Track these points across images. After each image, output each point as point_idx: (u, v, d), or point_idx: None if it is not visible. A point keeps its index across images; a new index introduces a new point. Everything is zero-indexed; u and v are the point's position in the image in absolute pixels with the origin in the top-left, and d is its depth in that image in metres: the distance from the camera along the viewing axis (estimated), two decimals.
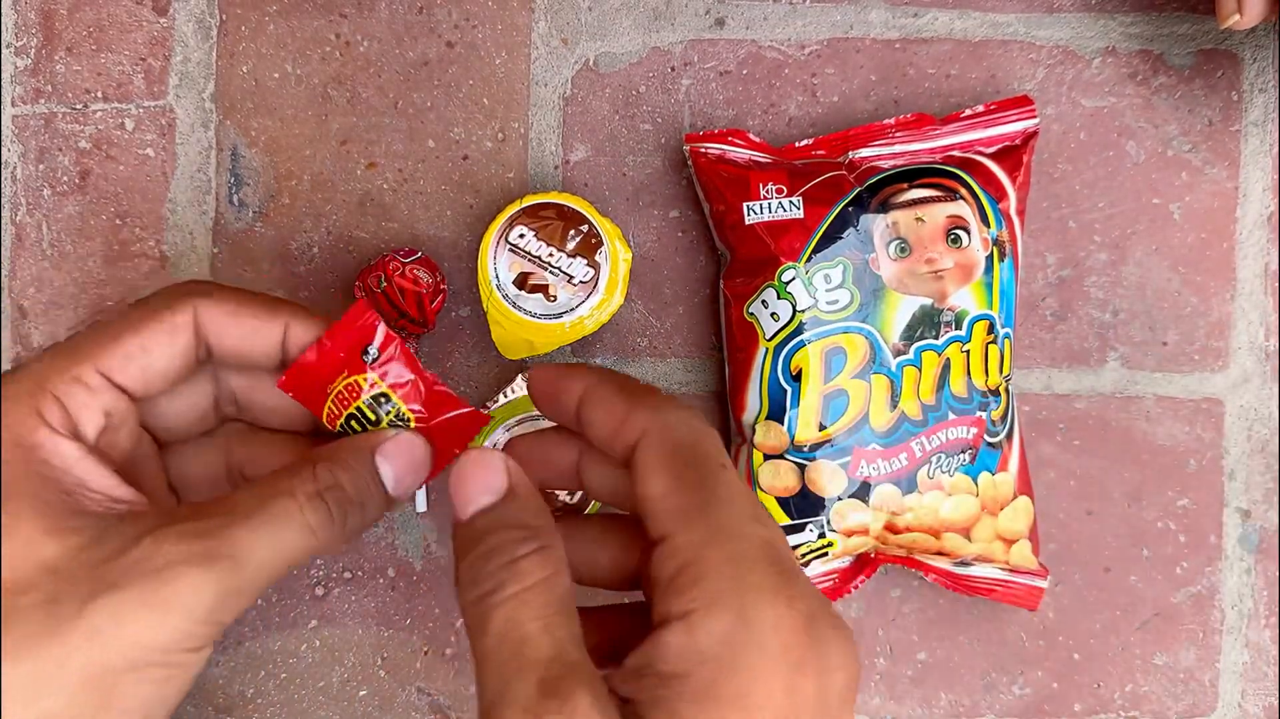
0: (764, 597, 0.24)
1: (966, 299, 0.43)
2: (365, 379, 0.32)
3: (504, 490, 0.28)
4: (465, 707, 0.48)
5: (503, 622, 0.25)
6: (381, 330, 0.32)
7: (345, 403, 0.32)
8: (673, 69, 0.48)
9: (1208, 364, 0.48)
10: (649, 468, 0.27)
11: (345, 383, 0.32)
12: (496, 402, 0.45)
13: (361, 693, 0.48)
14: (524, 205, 0.44)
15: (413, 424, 0.32)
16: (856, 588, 0.45)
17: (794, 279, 0.43)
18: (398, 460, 0.31)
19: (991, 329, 0.43)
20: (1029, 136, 0.45)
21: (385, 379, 0.32)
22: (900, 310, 0.43)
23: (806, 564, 0.44)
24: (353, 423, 0.32)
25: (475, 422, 0.32)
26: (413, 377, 0.32)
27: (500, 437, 0.44)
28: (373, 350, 0.32)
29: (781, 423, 0.43)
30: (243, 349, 0.31)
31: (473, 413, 0.32)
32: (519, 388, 0.45)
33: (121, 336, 0.30)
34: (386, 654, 0.48)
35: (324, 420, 0.32)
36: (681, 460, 0.27)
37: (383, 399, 0.32)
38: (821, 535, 0.43)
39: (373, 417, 0.32)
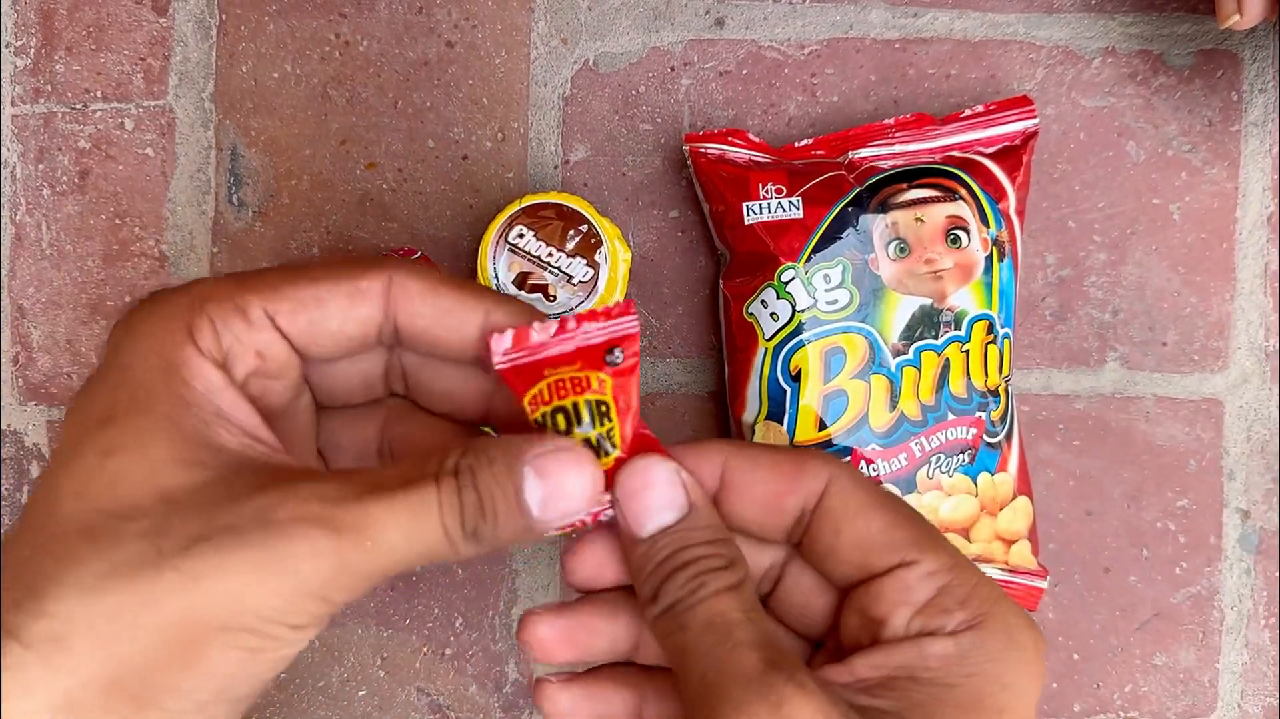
0: (1021, 621, 0.26)
1: (966, 299, 0.43)
2: (597, 379, 0.27)
3: (686, 506, 0.27)
4: (464, 707, 0.48)
5: (706, 613, 0.25)
6: (636, 341, 0.27)
7: (563, 393, 0.27)
8: (672, 69, 0.48)
9: (1207, 364, 0.48)
10: (861, 506, 0.27)
11: (574, 374, 0.27)
12: None
13: (361, 693, 0.48)
14: (523, 205, 0.44)
15: (612, 458, 0.27)
16: None
17: (793, 279, 0.43)
18: (552, 481, 0.25)
19: (991, 329, 0.43)
20: (1029, 137, 0.45)
21: (615, 394, 0.27)
22: (900, 310, 0.43)
23: None
24: (558, 417, 0.27)
25: None
26: (635, 405, 0.27)
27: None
28: (619, 355, 0.27)
29: (781, 423, 0.43)
30: (436, 333, 0.27)
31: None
32: None
33: (298, 281, 0.26)
34: (386, 654, 0.48)
35: (524, 404, 0.27)
36: (885, 497, 0.27)
37: (602, 410, 0.27)
38: None
39: (585, 419, 0.27)
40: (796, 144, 0.45)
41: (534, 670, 0.29)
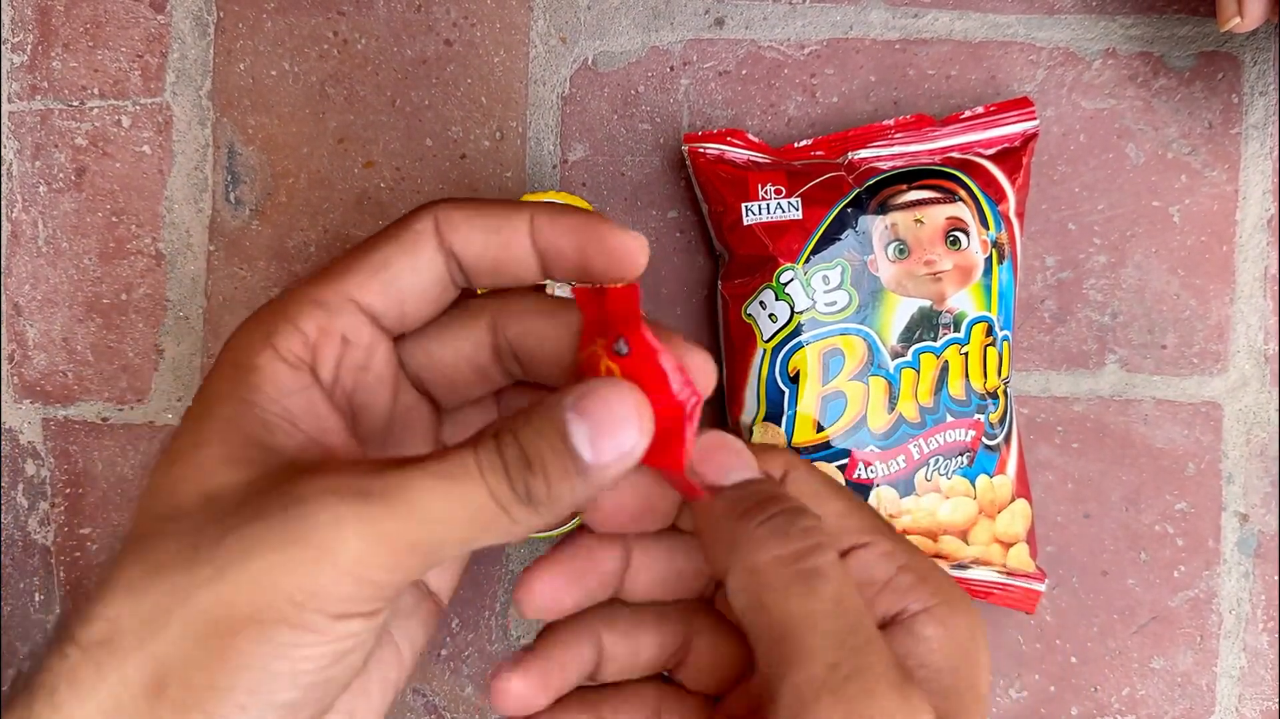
0: (966, 596, 0.27)
1: (965, 301, 0.43)
2: (604, 365, 0.26)
3: (759, 473, 0.27)
4: (460, 708, 0.48)
5: (839, 584, 0.24)
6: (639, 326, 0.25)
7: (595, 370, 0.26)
8: (672, 69, 0.47)
9: (1207, 367, 0.48)
10: (816, 492, 0.27)
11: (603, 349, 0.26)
12: None
13: None
14: None
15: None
16: None
17: (792, 280, 0.43)
18: (597, 416, 0.23)
19: (990, 331, 0.43)
20: (1029, 138, 0.45)
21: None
22: (899, 312, 0.43)
23: None
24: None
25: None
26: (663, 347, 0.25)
27: None
28: (623, 346, 0.25)
29: (779, 424, 0.43)
30: (491, 253, 0.26)
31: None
32: None
33: (359, 255, 0.26)
34: None
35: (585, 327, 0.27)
36: (837, 488, 0.28)
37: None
38: None
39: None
40: (796, 144, 0.45)
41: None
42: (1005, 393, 0.44)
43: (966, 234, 0.43)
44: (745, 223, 0.43)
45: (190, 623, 0.21)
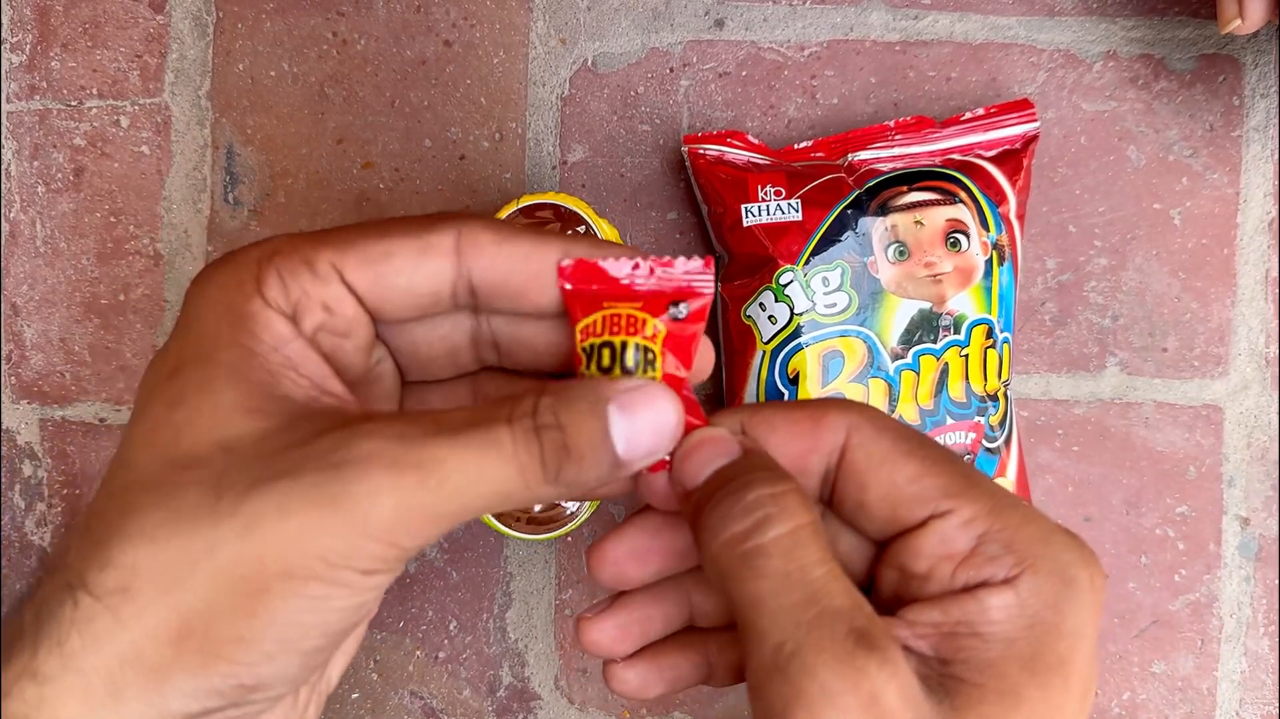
0: (1073, 556, 0.24)
1: (965, 303, 0.43)
2: (653, 325, 0.26)
3: (739, 452, 0.26)
4: (458, 711, 0.48)
5: (783, 561, 0.23)
6: (706, 299, 0.26)
7: (615, 329, 0.26)
8: (671, 70, 0.47)
9: (1207, 370, 0.48)
10: (885, 456, 0.26)
11: (631, 311, 0.26)
12: None
13: (354, 696, 0.48)
14: (520, 206, 0.43)
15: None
16: None
17: (792, 282, 0.43)
18: (638, 417, 0.24)
19: (990, 334, 0.43)
20: (1029, 140, 0.45)
21: (666, 345, 0.26)
22: (899, 314, 0.43)
23: None
24: (604, 352, 0.26)
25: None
26: (685, 374, 0.27)
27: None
28: (683, 309, 0.26)
29: None
30: (513, 284, 0.26)
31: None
32: None
33: (368, 236, 0.25)
34: (379, 657, 0.48)
35: (576, 330, 0.27)
36: (913, 442, 0.26)
37: (649, 359, 0.26)
38: None
39: (630, 365, 0.26)
40: (796, 146, 0.45)
41: (587, 632, 0.28)
42: (1005, 395, 0.44)
43: (967, 236, 0.43)
44: (745, 224, 0.43)
45: (218, 575, 0.21)
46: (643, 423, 0.24)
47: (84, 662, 0.21)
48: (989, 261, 0.43)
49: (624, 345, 0.26)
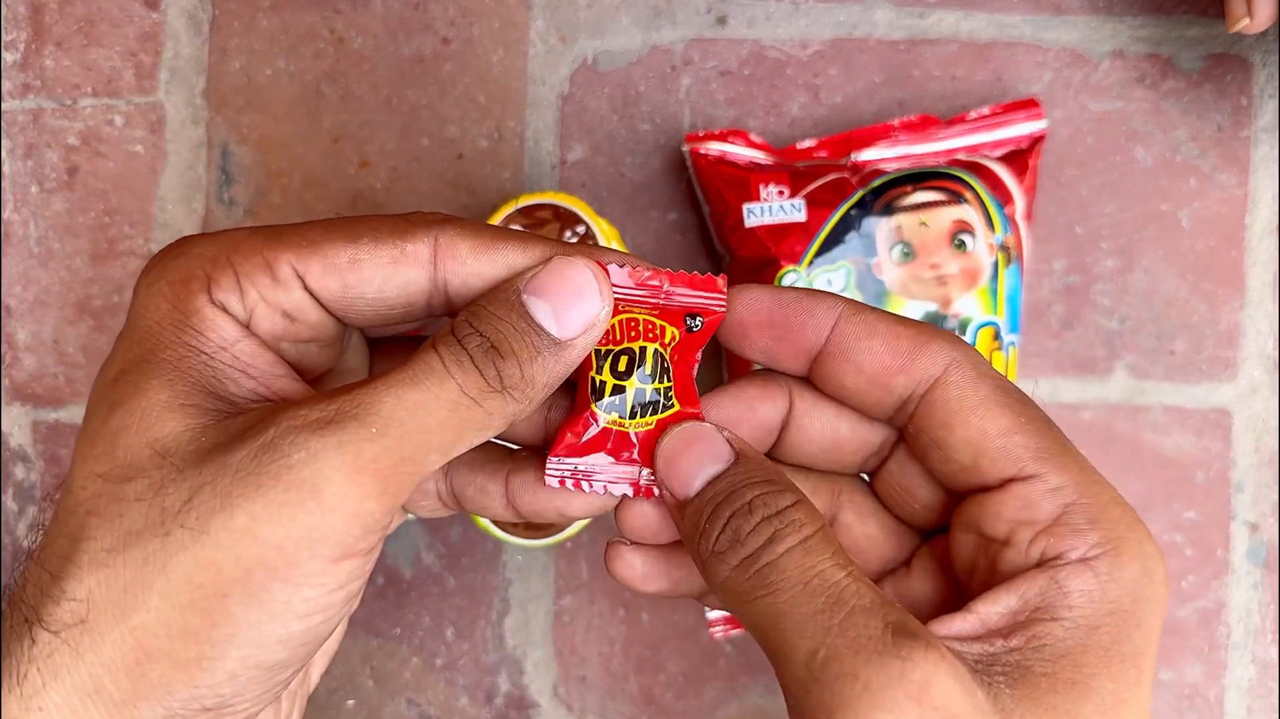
0: (1155, 547, 0.23)
1: (971, 305, 0.42)
2: (670, 333, 0.26)
3: (731, 457, 0.24)
4: (455, 718, 0.47)
5: (799, 569, 0.22)
6: (717, 319, 0.26)
7: (634, 334, 0.26)
8: (673, 68, 0.47)
9: (1216, 374, 0.47)
10: (980, 402, 0.24)
11: (648, 318, 0.26)
12: None
13: (349, 703, 0.47)
14: (519, 205, 0.43)
15: (665, 415, 0.26)
16: None
17: (795, 283, 0.42)
18: (552, 292, 0.23)
19: (997, 336, 0.42)
20: (1036, 140, 0.44)
21: (676, 353, 0.26)
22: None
23: None
24: (621, 359, 0.26)
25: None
26: (693, 373, 0.27)
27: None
28: (699, 322, 0.26)
29: None
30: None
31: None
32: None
33: (334, 239, 0.24)
34: (375, 664, 0.47)
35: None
36: (1013, 396, 0.24)
37: (665, 367, 0.26)
38: None
39: (648, 369, 0.26)
40: (799, 145, 0.45)
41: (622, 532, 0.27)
42: None
43: (973, 237, 0.42)
44: (747, 224, 0.43)
45: (172, 591, 0.20)
46: (563, 295, 0.23)
47: (45, 699, 0.20)
48: (995, 263, 0.42)
49: (643, 351, 0.26)
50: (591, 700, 0.47)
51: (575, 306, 0.24)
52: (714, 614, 0.45)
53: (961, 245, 0.42)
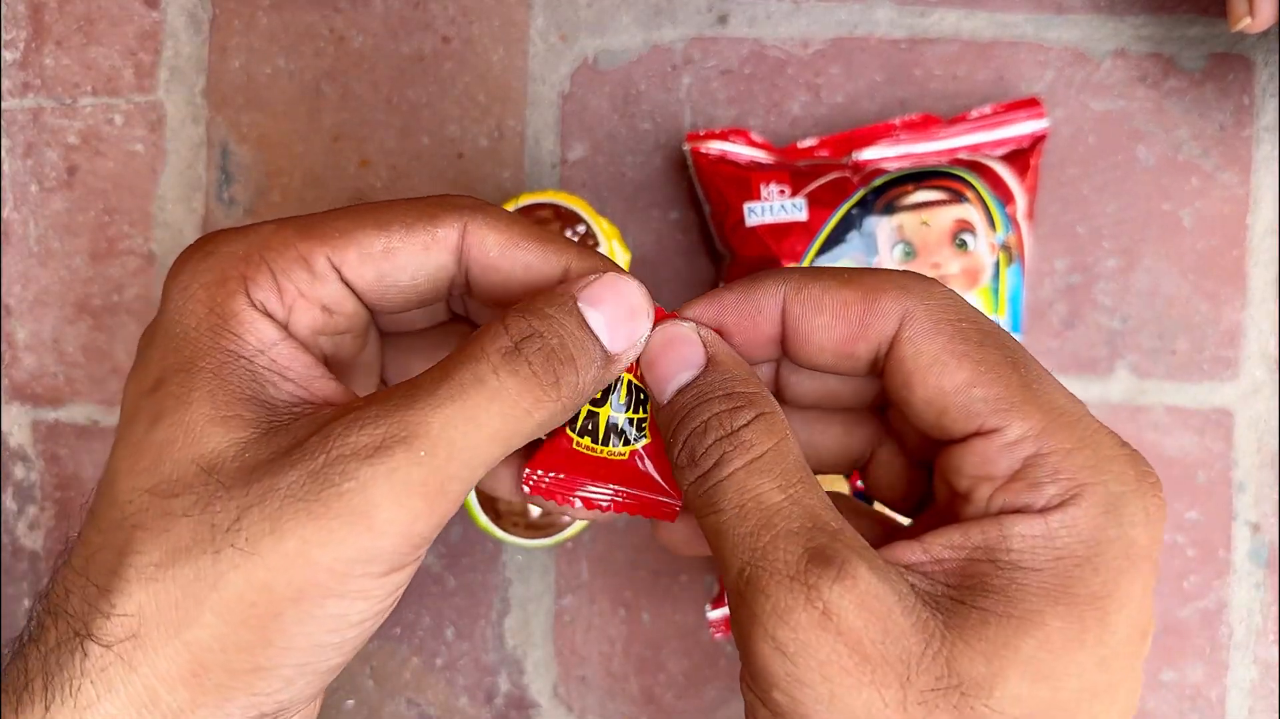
0: (1129, 486, 0.22)
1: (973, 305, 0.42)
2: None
3: (703, 363, 0.24)
4: (455, 718, 0.47)
5: (737, 493, 0.22)
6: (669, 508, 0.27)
7: None
8: (674, 67, 0.47)
9: (1218, 373, 0.47)
10: (934, 358, 0.23)
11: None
12: None
13: (349, 703, 0.47)
14: (520, 205, 0.43)
15: (638, 447, 0.26)
16: None
17: None
18: (609, 306, 0.24)
19: None
20: (1037, 139, 0.44)
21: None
22: None
23: None
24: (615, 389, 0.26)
25: (661, 510, 0.27)
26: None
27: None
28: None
29: None
30: (511, 289, 0.25)
31: (667, 506, 0.27)
32: None
33: (366, 228, 0.24)
34: (375, 664, 0.47)
35: None
36: (972, 342, 0.24)
37: (641, 398, 0.26)
38: None
39: (621, 399, 0.26)
40: (800, 144, 0.44)
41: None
42: None
43: (974, 236, 0.42)
44: (748, 224, 0.43)
45: (226, 609, 0.21)
46: (618, 310, 0.24)
47: (99, 711, 0.21)
48: (997, 262, 0.42)
49: (617, 380, 0.26)
50: (592, 700, 0.47)
51: (627, 323, 0.24)
52: (714, 614, 0.45)
53: (963, 244, 0.42)
